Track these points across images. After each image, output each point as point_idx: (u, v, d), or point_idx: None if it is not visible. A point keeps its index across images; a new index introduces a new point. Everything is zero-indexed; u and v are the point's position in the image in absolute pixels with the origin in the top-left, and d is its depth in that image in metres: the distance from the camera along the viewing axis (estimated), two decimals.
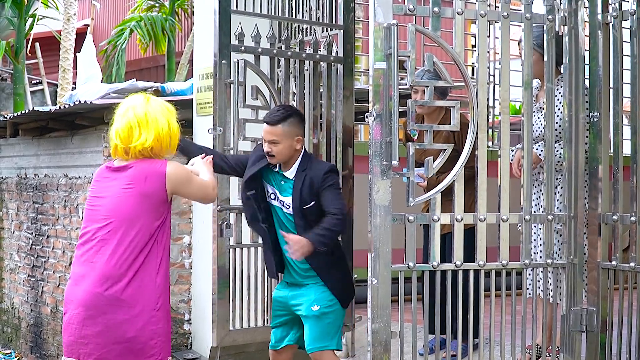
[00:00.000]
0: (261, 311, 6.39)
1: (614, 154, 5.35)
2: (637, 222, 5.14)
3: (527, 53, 5.33)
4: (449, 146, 5.18)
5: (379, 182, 4.93)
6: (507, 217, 5.27)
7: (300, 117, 5.49)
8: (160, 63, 17.55)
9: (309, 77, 6.59)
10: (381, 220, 4.95)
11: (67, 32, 15.01)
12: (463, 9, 5.16)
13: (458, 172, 5.15)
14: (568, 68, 5.40)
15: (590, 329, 5.35)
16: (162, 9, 16.24)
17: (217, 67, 6.06)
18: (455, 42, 5.19)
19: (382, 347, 4.96)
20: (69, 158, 8.44)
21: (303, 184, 5.32)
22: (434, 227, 5.14)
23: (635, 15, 5.10)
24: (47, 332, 8.71)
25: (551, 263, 5.38)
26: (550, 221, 5.37)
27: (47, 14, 16.33)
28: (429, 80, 5.51)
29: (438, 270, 5.17)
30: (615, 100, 5.30)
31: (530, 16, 5.31)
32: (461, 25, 5.20)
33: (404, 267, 5.10)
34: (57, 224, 8.60)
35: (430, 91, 5.18)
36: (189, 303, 7.72)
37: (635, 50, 5.14)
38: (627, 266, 5.21)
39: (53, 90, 16.36)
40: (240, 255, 6.25)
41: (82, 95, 8.29)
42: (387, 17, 4.97)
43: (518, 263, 5.38)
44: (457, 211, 5.17)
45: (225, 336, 6.13)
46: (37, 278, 8.98)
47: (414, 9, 5.10)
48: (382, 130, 4.93)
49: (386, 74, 4.94)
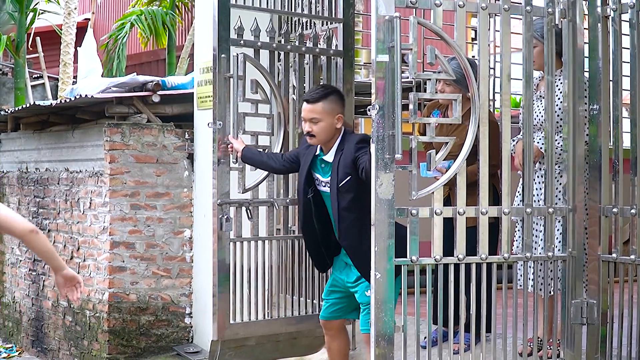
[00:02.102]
0: (262, 305, 6.39)
1: (614, 146, 5.35)
2: (637, 215, 5.15)
3: (527, 46, 5.33)
4: (451, 139, 5.16)
5: (382, 176, 4.89)
6: (509, 210, 5.27)
7: (340, 95, 5.57)
8: (161, 57, 17.53)
9: (309, 71, 6.58)
10: (384, 213, 4.92)
11: (68, 26, 15.00)
12: (465, 2, 5.15)
13: (460, 165, 5.14)
14: (567, 61, 5.40)
15: (590, 321, 5.35)
16: (163, 2, 16.21)
17: (216, 61, 6.04)
18: (456, 35, 5.18)
19: (385, 340, 4.95)
20: (70, 152, 8.45)
21: (339, 161, 5.40)
22: (435, 220, 5.14)
23: (635, 7, 5.10)
24: (48, 326, 8.72)
25: (552, 256, 5.38)
26: (551, 214, 5.38)
27: (48, 8, 16.33)
28: (432, 73, 5.48)
29: (441, 263, 5.16)
30: (615, 92, 5.30)
31: (530, 9, 5.32)
32: (463, 18, 5.19)
33: (407, 260, 5.08)
34: (58, 218, 8.61)
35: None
36: (190, 297, 7.74)
37: (635, 43, 5.14)
38: (628, 259, 5.21)
39: (54, 84, 16.36)
40: (240, 249, 6.25)
41: (82, 89, 8.29)
42: (390, 9, 4.93)
43: (519, 256, 5.40)
44: (459, 204, 5.17)
45: (225, 330, 6.14)
46: (38, 272, 8.98)
47: (415, 1, 5.07)
48: (384, 124, 4.89)
49: (388, 66, 4.91)
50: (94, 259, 7.85)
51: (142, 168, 7.64)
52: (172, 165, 7.71)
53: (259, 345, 6.37)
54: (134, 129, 7.62)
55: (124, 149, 7.60)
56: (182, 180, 7.72)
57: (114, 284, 7.60)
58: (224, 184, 6.09)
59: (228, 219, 6.07)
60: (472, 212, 5.23)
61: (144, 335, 7.65)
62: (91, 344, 7.84)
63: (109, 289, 7.59)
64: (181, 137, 7.72)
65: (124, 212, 7.61)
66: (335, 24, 6.70)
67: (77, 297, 4.48)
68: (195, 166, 7.70)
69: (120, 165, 7.60)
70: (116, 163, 7.59)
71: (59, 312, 8.50)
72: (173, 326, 7.72)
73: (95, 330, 7.76)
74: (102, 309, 7.67)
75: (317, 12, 6.70)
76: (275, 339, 6.55)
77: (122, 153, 7.59)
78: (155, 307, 7.67)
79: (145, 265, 7.65)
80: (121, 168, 7.60)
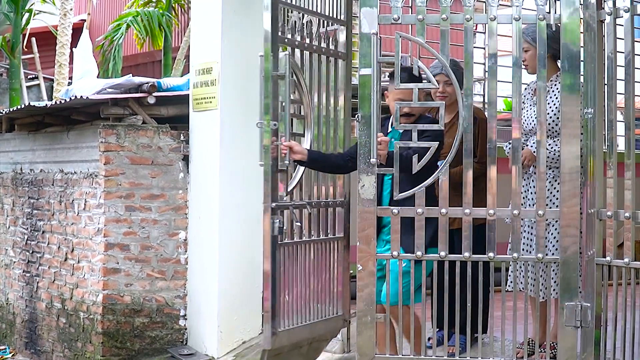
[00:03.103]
0: (308, 310, 6.33)
1: (608, 150, 5.36)
2: (630, 218, 5.16)
3: (517, 55, 5.41)
4: (433, 145, 5.45)
5: (364, 178, 5.50)
6: (494, 212, 5.46)
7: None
8: (157, 58, 17.54)
9: (319, 71, 6.53)
10: (366, 211, 5.50)
11: (64, 27, 15.02)
12: (448, 15, 5.45)
13: (443, 167, 5.47)
14: (562, 65, 5.41)
15: (584, 324, 5.36)
16: (159, 4, 16.24)
17: (269, 59, 5.84)
18: (442, 49, 5.50)
19: (368, 330, 5.35)
20: (64, 153, 8.44)
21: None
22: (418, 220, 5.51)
23: (629, 12, 5.11)
24: (42, 328, 8.71)
25: (541, 257, 5.41)
26: (542, 216, 5.41)
27: (44, 9, 16.35)
28: (414, 84, 5.59)
29: (422, 259, 5.51)
30: (609, 97, 5.31)
31: (519, 17, 5.39)
32: (447, 31, 5.49)
33: (389, 255, 5.54)
34: (52, 219, 8.60)
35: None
36: (185, 299, 7.73)
37: (629, 47, 5.15)
38: (622, 262, 5.22)
39: (49, 85, 16.37)
40: (288, 253, 6.14)
41: (78, 90, 8.29)
42: (372, 26, 5.47)
43: (508, 257, 5.47)
44: (441, 204, 5.49)
45: (276, 337, 5.99)
46: (32, 274, 8.97)
47: (398, 18, 5.52)
48: (366, 131, 5.43)
49: (372, 79, 5.38)
50: (88, 260, 7.84)
51: (137, 169, 7.64)
52: (167, 167, 7.70)
53: (312, 350, 6.45)
54: (129, 131, 7.61)
55: (119, 151, 7.59)
56: (177, 182, 7.71)
57: (108, 286, 7.59)
58: (274, 187, 5.93)
59: (281, 222, 5.97)
60: (456, 213, 5.52)
61: (138, 337, 7.64)
62: (85, 346, 7.83)
63: (103, 291, 7.58)
64: (176, 139, 7.71)
65: (118, 213, 7.60)
66: (337, 25, 6.67)
67: None
68: (191, 168, 7.69)
69: (115, 166, 7.59)
70: (111, 164, 7.58)
71: (53, 313, 8.49)
72: (167, 328, 7.71)
73: (89, 332, 7.75)
74: (96, 310, 7.66)
75: (322, 11, 6.62)
76: (318, 342, 6.58)
77: (117, 154, 7.59)
78: (150, 309, 7.66)
79: (139, 267, 7.64)
80: (116, 169, 7.60)
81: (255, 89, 5.92)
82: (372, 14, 5.44)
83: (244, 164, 7.09)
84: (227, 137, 7.21)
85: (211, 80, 7.28)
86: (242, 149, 7.14)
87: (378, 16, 5.48)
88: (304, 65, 6.43)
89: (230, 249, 7.25)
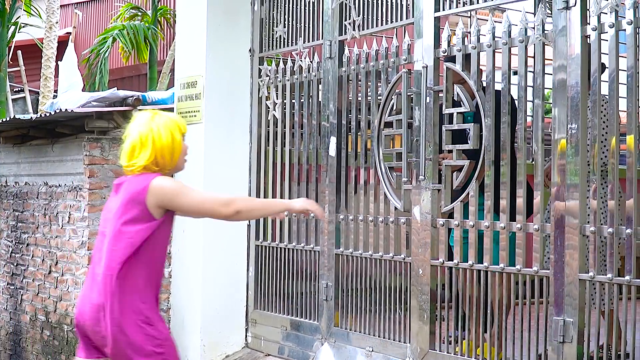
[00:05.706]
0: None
1: (591, 166, 5.37)
2: (613, 234, 5.16)
3: (507, 79, 5.52)
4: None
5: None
6: (489, 225, 5.57)
7: None
8: (142, 72, 17.52)
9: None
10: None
11: (49, 40, 15.00)
12: (491, 41, 5.59)
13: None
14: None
15: (567, 340, 5.36)
16: (145, 17, 16.23)
17: (429, 73, 5.91)
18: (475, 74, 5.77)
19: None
20: (49, 166, 8.43)
21: None
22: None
23: (614, 28, 5.12)
24: (27, 340, 8.68)
25: (530, 270, 5.45)
26: (537, 230, 5.44)
27: (30, 22, 16.32)
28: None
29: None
30: (593, 112, 5.32)
31: (507, 42, 5.47)
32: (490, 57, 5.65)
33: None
34: (37, 232, 8.58)
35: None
36: (168, 312, 7.71)
37: (614, 63, 5.16)
38: (605, 278, 5.22)
39: (35, 98, 16.33)
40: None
41: (63, 103, 8.29)
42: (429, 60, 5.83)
43: (496, 268, 5.52)
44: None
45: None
46: (16, 286, 8.95)
47: (446, 51, 5.79)
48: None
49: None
50: (72, 273, 7.82)
51: None
52: None
53: None
54: (113, 144, 7.61)
55: (104, 164, 7.59)
56: None
57: None
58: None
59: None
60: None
61: None
62: (69, 359, 7.80)
63: None
64: None
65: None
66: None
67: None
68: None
69: (100, 179, 7.58)
70: (95, 177, 7.57)
71: (37, 326, 8.46)
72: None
73: (73, 345, 7.71)
74: None
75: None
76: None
77: (102, 167, 7.58)
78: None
79: None
80: (100, 183, 7.59)
81: (239, 103, 5.94)
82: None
83: (227, 177, 7.09)
84: (211, 150, 7.21)
85: (196, 94, 7.28)
86: (226, 162, 7.14)
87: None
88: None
89: (214, 263, 7.24)
